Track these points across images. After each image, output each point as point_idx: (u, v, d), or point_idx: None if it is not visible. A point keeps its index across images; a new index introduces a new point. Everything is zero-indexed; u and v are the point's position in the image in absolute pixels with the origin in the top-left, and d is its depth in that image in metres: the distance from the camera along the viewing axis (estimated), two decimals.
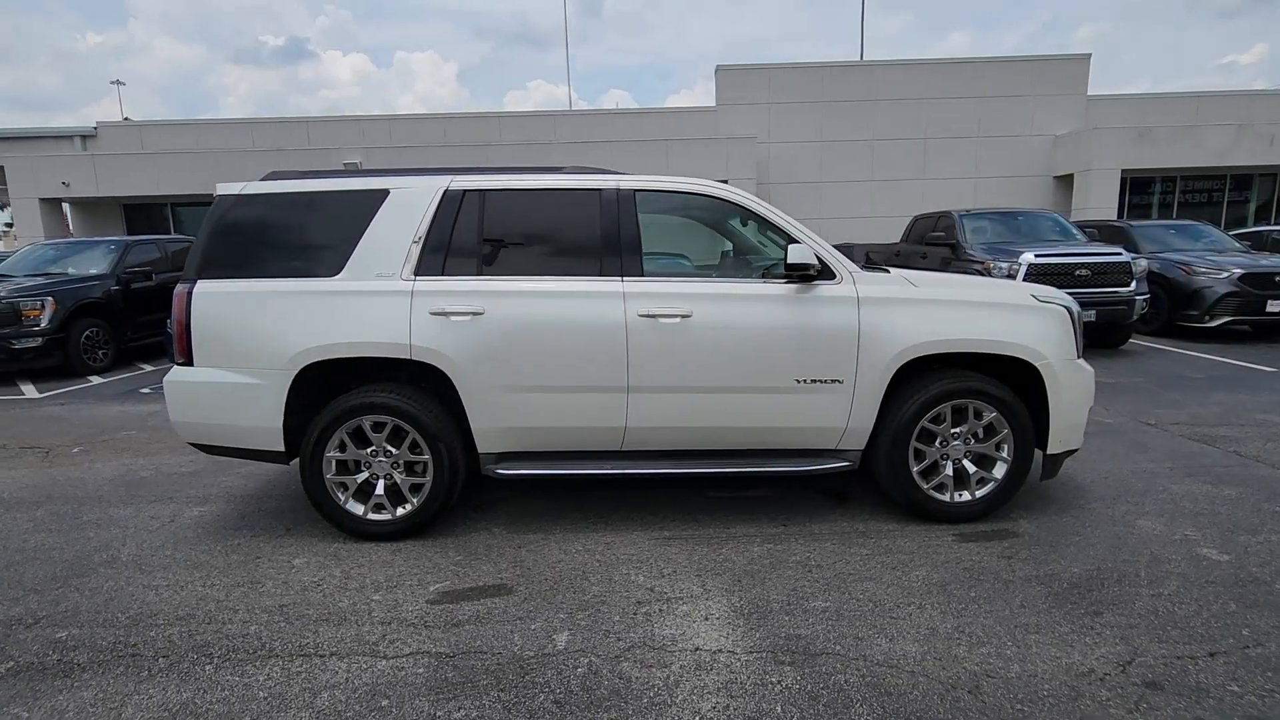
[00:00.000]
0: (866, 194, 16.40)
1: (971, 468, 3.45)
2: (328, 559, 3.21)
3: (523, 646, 2.48)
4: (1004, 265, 8.25)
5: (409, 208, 3.36)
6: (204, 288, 3.30)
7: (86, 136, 16.43)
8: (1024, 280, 7.96)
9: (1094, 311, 7.91)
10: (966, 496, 3.45)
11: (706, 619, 2.63)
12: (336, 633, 2.59)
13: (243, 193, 3.39)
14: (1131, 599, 2.71)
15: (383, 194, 3.38)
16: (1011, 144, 16.35)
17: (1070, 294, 3.74)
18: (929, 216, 10.77)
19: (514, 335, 3.27)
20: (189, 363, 3.32)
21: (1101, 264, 8.07)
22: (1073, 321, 3.44)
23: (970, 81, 16.15)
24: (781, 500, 3.82)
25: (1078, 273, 8.02)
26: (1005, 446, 3.40)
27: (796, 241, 3.38)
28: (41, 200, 15.08)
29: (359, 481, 3.36)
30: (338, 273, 3.30)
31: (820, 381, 3.32)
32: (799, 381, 3.32)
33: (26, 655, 2.48)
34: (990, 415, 3.36)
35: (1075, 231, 9.68)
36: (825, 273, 3.37)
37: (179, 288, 3.32)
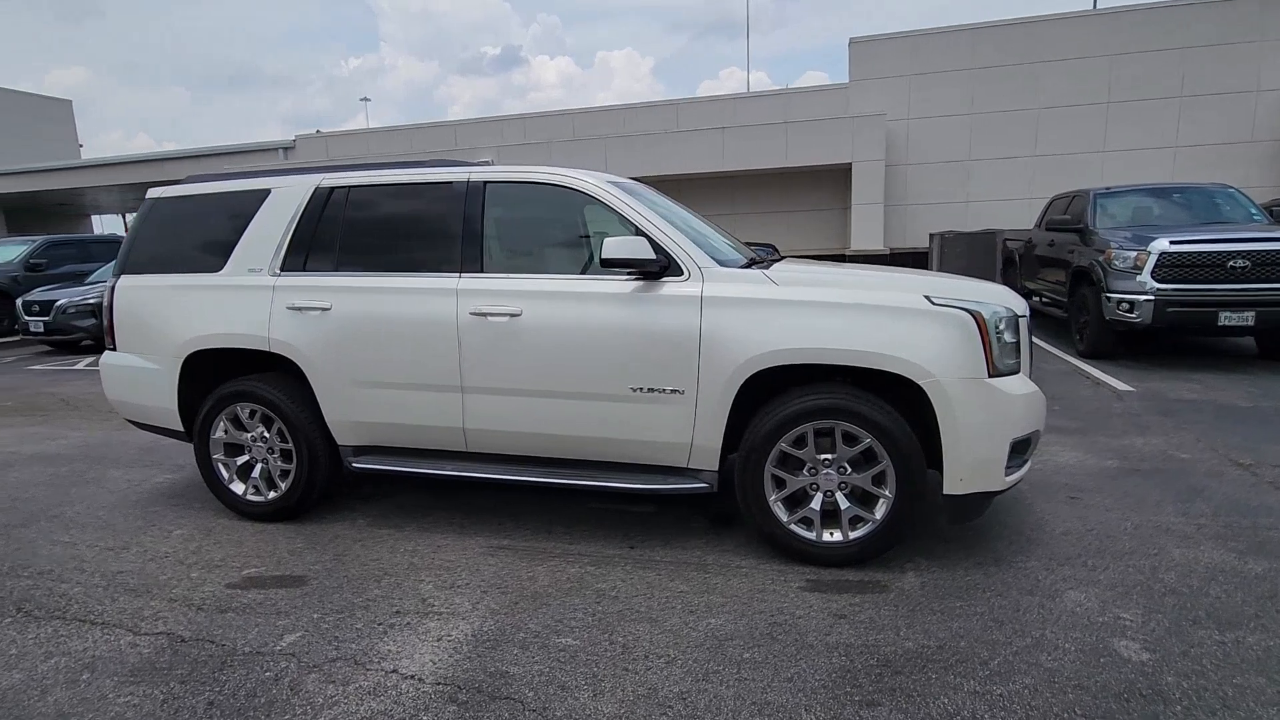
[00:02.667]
0: (1026, 172, 14.22)
1: (844, 503, 2.87)
2: (199, 533, 3.48)
3: (250, 641, 2.50)
4: (1129, 254, 6.73)
5: (284, 205, 3.50)
6: (124, 282, 3.72)
7: (287, 149, 19.25)
8: (1152, 273, 6.48)
9: (1251, 313, 6.22)
10: (838, 537, 2.88)
11: (437, 640, 2.47)
12: (127, 603, 2.80)
13: (158, 196, 3.76)
14: (940, 692, 2.09)
15: (265, 193, 3.56)
16: (1227, 104, 13.23)
17: (1224, 291, 2.92)
18: (1065, 197, 9.11)
19: (356, 331, 3.29)
20: (114, 348, 3.77)
21: (1268, 253, 6.28)
22: (984, 331, 2.71)
23: (1173, 30, 13.30)
24: (655, 520, 3.46)
25: (1232, 264, 6.31)
26: (887, 480, 2.79)
27: (642, 233, 3.02)
28: None
29: (238, 464, 3.60)
30: (221, 269, 3.54)
31: (658, 391, 2.95)
32: (635, 390, 2.98)
33: None
34: (866, 441, 2.77)
35: (1258, 212, 7.64)
36: (672, 269, 2.98)
37: (108, 281, 3.77)
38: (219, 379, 3.60)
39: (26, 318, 10.28)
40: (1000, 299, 2.91)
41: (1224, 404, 5.30)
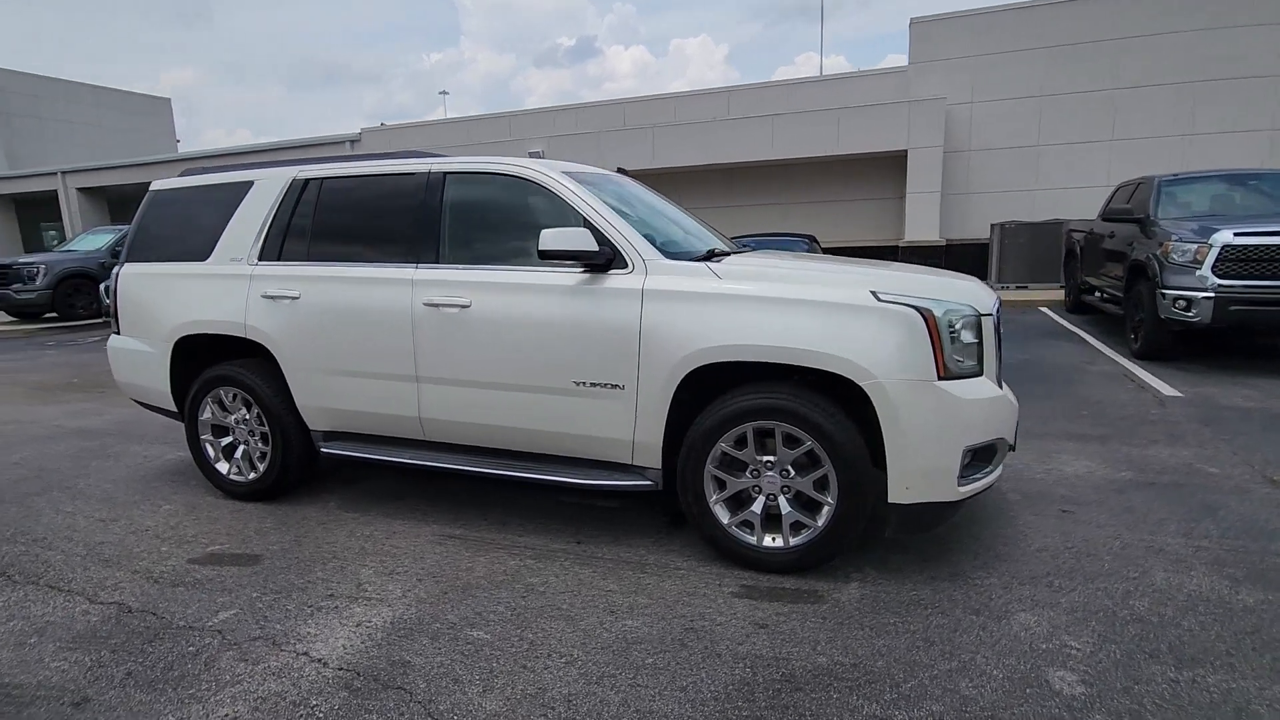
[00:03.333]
0: (1102, 158, 13.22)
1: (786, 507, 2.74)
2: (184, 509, 3.67)
3: (187, 616, 2.61)
4: (1189, 247, 6.17)
5: (264, 197, 3.62)
6: (126, 269, 3.93)
7: (354, 141, 20.02)
8: (1213, 268, 5.93)
9: None
10: (779, 542, 2.76)
11: (356, 626, 2.51)
12: (96, 573, 2.98)
13: (158, 188, 3.95)
14: (836, 714, 1.97)
15: (248, 185, 3.69)
16: None
17: None
18: (1130, 184, 8.43)
19: (322, 319, 3.37)
20: (119, 332, 4.00)
21: None
22: (933, 330, 2.52)
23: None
24: (615, 516, 3.41)
25: None
26: (830, 486, 2.64)
27: (589, 224, 2.96)
28: None
29: (223, 444, 3.76)
30: (207, 257, 3.70)
31: (599, 385, 2.90)
32: (577, 384, 2.93)
33: None
34: (808, 444, 2.63)
35: None
36: (618, 261, 2.91)
37: (115, 269, 4.00)
38: (207, 363, 3.77)
39: (108, 301, 11.11)
40: (963, 296, 2.70)
41: (1278, 413, 4.79)
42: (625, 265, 2.89)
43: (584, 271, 2.94)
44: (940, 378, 2.52)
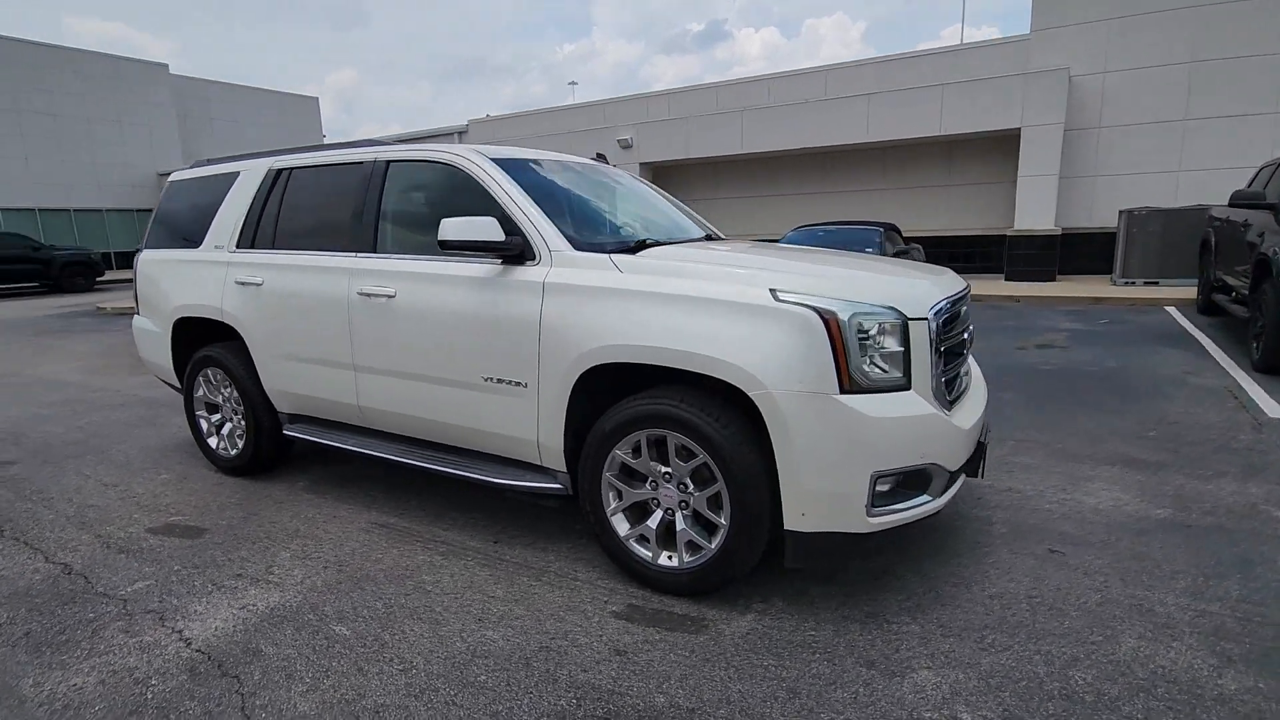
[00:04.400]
0: (1266, 133, 11.25)
1: (681, 524, 2.50)
2: (175, 480, 3.94)
3: (108, 583, 2.78)
4: None
5: (246, 187, 3.78)
6: (144, 255, 4.26)
7: (461, 132, 20.93)
8: None
9: None
10: (673, 562, 2.53)
11: (240, 609, 2.56)
12: (67, 534, 3.25)
13: (175, 179, 4.24)
14: None
15: (235, 175, 3.86)
16: None
17: None
18: (1271, 164, 7.10)
19: (278, 306, 3.47)
20: (138, 313, 4.34)
21: None
22: (836, 336, 2.17)
23: None
24: (549, 516, 3.29)
25: None
26: (724, 504, 2.38)
27: (505, 213, 2.83)
28: None
29: (215, 420, 4.00)
30: (199, 245, 3.92)
31: (504, 382, 2.78)
32: (486, 379, 2.83)
33: None
34: (701, 457, 2.38)
35: None
36: (528, 252, 2.76)
37: (136, 254, 4.35)
38: (201, 344, 4.02)
39: None
40: (892, 296, 2.32)
41: None
42: (534, 257, 2.74)
43: (501, 263, 2.82)
44: (843, 390, 2.18)
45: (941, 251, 13.02)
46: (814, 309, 2.20)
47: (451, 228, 2.68)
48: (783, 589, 2.58)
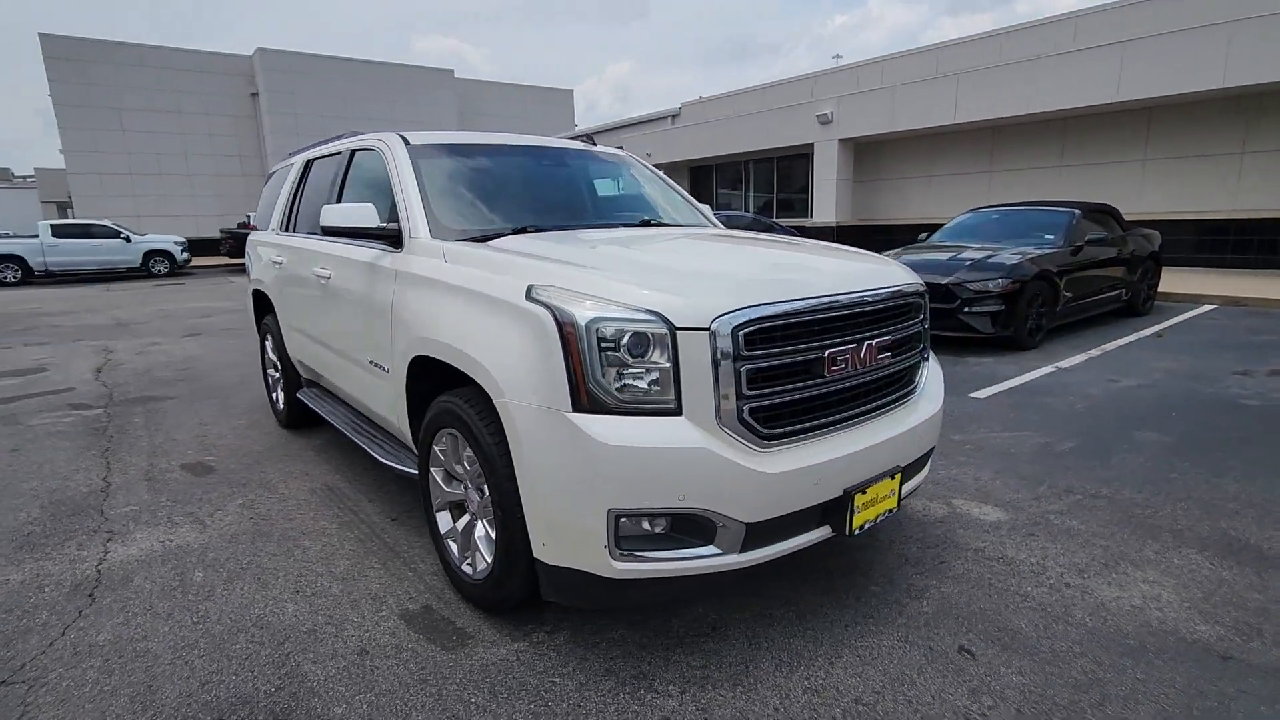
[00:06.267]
0: None
1: (481, 530, 2.34)
2: (246, 428, 4.65)
3: (112, 505, 3.40)
4: None
5: (291, 177, 4.29)
6: (253, 236, 5.05)
7: (674, 116, 21.25)
8: None
9: None
10: (470, 569, 2.38)
11: (160, 544, 2.96)
12: (136, 460, 4.04)
13: (273, 170, 4.95)
14: None
15: (291, 165, 4.40)
16: None
17: None
18: None
19: (286, 282, 3.92)
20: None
21: None
22: (570, 343, 1.83)
23: None
24: None
25: None
26: (495, 518, 2.18)
27: (394, 199, 2.84)
28: None
29: (275, 378, 4.66)
30: (267, 227, 4.55)
31: (376, 365, 2.83)
32: (370, 362, 2.91)
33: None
34: (479, 464, 2.20)
35: None
36: (401, 238, 2.75)
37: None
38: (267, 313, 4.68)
39: None
40: (673, 299, 1.88)
41: None
42: (402, 244, 2.73)
43: (386, 250, 2.86)
44: (577, 408, 1.84)
45: (1212, 239, 10.18)
46: (551, 309, 1.88)
47: (331, 214, 2.78)
48: (595, 623, 2.28)
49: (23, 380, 6.25)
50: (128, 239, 18.93)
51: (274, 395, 4.67)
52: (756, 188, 18.79)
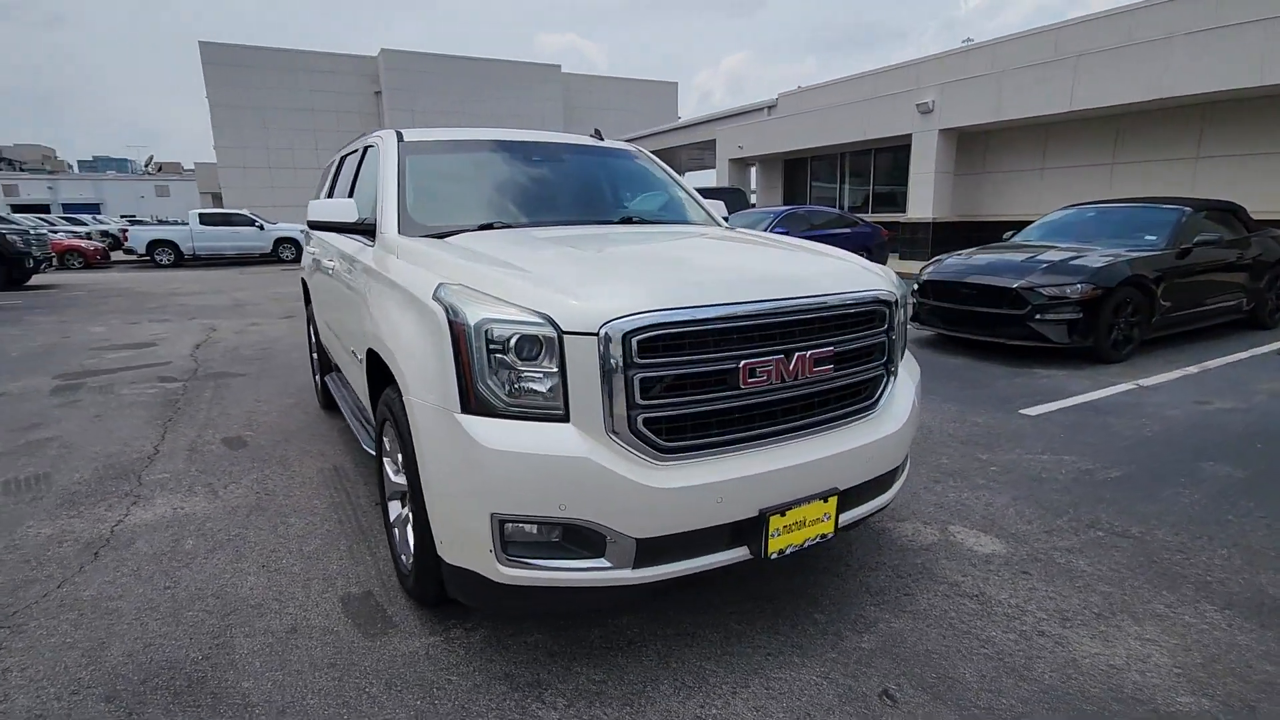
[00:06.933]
0: None
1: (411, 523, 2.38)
2: (291, 406, 4.99)
3: (149, 471, 3.75)
4: None
5: (332, 172, 4.53)
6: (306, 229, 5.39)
7: (770, 107, 20.69)
8: None
9: None
10: (406, 560, 2.43)
11: (172, 510, 3.24)
12: (189, 431, 4.42)
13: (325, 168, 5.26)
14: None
15: (334, 162, 4.65)
16: None
17: None
18: None
19: (315, 273, 4.15)
20: None
21: None
22: (460, 343, 1.81)
23: None
24: None
25: None
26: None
27: (380, 198, 2.94)
28: (730, 161, 20.19)
29: (317, 361, 4.97)
30: None
31: (355, 355, 2.94)
32: (352, 351, 3.03)
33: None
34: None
35: None
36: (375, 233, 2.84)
37: None
38: None
39: None
40: (567, 301, 1.82)
41: None
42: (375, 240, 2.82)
43: (369, 245, 2.96)
44: (466, 409, 1.83)
45: None
46: (447, 308, 1.87)
47: (316, 209, 2.91)
48: (516, 625, 2.28)
49: (133, 353, 7.01)
50: (261, 227, 20.80)
51: (316, 378, 4.98)
52: (853, 181, 18.00)
